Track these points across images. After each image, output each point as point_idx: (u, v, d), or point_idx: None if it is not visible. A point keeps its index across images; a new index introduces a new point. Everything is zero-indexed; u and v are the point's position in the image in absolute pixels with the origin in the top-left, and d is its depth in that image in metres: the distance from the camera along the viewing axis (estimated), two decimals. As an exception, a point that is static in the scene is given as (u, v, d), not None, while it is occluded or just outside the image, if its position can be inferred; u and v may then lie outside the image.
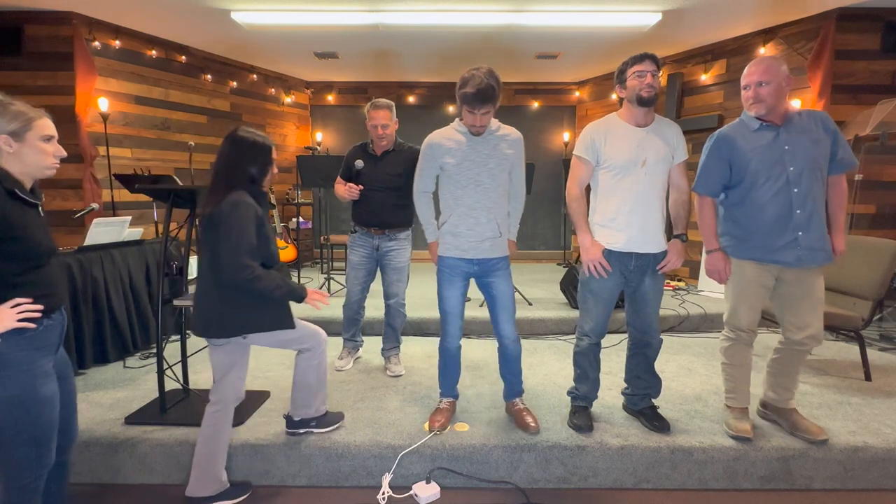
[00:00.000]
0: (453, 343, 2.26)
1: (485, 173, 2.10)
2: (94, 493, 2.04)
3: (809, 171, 1.94)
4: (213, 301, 1.83)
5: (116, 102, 4.48)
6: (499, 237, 2.15)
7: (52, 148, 1.40)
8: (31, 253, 1.32)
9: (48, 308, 1.37)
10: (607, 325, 2.21)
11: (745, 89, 2.02)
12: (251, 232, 1.75)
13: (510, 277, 2.21)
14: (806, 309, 2.04)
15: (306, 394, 2.09)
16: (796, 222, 1.96)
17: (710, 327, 3.86)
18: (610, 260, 2.07)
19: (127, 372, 2.91)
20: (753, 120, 2.02)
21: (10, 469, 1.35)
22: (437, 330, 3.71)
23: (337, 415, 2.24)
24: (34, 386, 1.34)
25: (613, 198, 2.07)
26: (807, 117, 2.00)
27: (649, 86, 1.97)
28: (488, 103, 1.98)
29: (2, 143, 1.30)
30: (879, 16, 3.96)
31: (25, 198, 1.33)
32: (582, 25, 4.36)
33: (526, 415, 2.23)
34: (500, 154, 2.12)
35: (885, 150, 3.87)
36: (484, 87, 1.94)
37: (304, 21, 4.22)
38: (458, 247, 2.14)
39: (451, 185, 2.14)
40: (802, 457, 2.05)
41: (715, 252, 2.13)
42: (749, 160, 1.99)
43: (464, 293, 2.24)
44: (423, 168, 2.22)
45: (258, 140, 1.89)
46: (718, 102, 4.91)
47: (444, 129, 2.17)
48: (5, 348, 1.29)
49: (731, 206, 2.11)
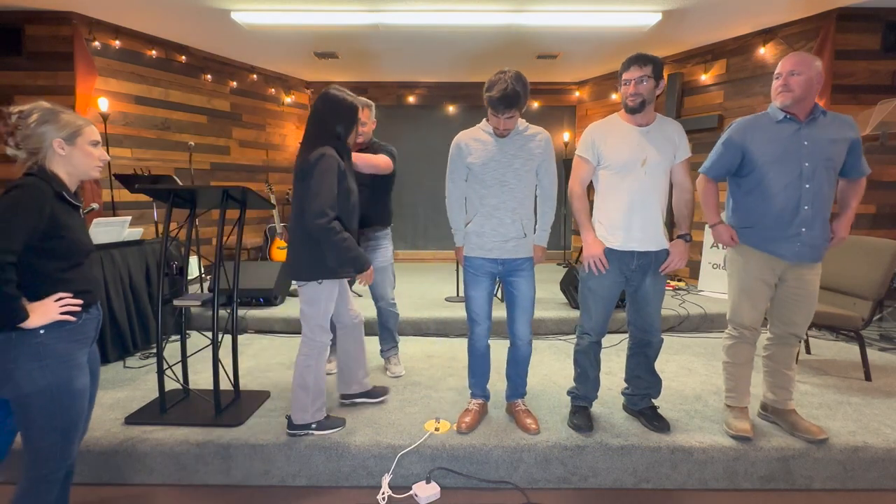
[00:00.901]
0: (481, 343, 2.25)
1: (510, 173, 2.09)
2: (94, 493, 2.04)
3: (824, 169, 1.95)
4: (297, 248, 2.06)
5: (116, 102, 4.48)
6: (523, 238, 2.14)
7: (98, 152, 1.52)
8: (73, 251, 1.43)
9: (87, 303, 1.47)
10: (608, 324, 2.21)
11: (777, 78, 1.99)
12: (332, 183, 1.94)
13: (533, 279, 2.20)
14: (800, 309, 2.09)
15: (304, 396, 2.10)
16: (802, 218, 1.97)
17: (710, 327, 3.86)
18: (610, 258, 2.08)
19: (127, 372, 2.91)
20: (778, 112, 2.02)
21: (35, 457, 1.41)
22: (436, 330, 3.73)
23: (338, 419, 2.23)
24: (70, 377, 1.42)
25: (614, 197, 2.07)
26: (832, 119, 2.00)
27: (633, 94, 1.98)
28: (513, 108, 1.98)
29: (56, 147, 1.42)
30: (879, 16, 3.96)
31: (70, 200, 1.44)
32: (582, 25, 4.36)
33: (526, 416, 2.23)
34: (527, 154, 2.11)
35: (885, 150, 3.87)
36: (509, 92, 1.93)
37: (304, 21, 4.22)
38: (481, 246, 2.14)
39: (476, 184, 2.14)
40: (802, 457, 2.05)
41: (717, 225, 2.15)
42: (766, 149, 2.00)
43: (491, 293, 2.23)
44: (450, 171, 2.21)
45: (347, 99, 2.06)
46: (718, 102, 4.91)
47: (471, 130, 2.18)
48: (48, 339, 1.38)
49: (740, 194, 2.11)
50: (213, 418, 2.25)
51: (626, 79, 2.00)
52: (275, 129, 6.28)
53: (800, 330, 2.13)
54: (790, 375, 2.19)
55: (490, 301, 2.23)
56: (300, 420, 2.12)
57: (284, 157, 6.40)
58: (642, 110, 2.02)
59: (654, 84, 1.99)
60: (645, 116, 2.06)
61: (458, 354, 3.26)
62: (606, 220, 2.10)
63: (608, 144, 2.07)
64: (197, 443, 2.09)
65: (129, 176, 3.78)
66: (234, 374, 2.48)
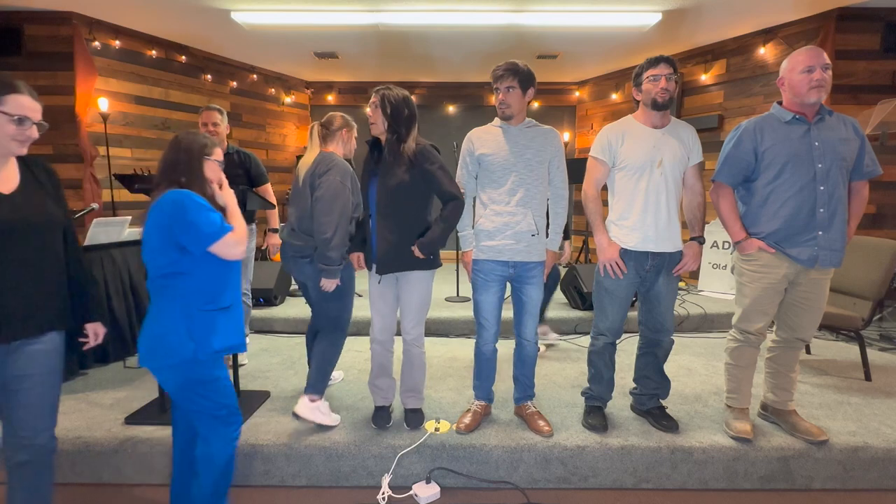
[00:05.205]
0: (488, 347, 2.23)
1: (521, 163, 2.08)
2: (94, 493, 2.04)
3: (837, 169, 1.92)
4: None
5: (116, 102, 4.48)
6: (535, 236, 2.11)
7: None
8: None
9: None
10: (623, 325, 2.20)
11: (809, 71, 1.89)
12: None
13: (542, 284, 2.19)
14: (808, 314, 2.06)
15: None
16: (818, 220, 1.93)
17: (711, 327, 3.86)
18: (626, 259, 2.08)
19: (127, 372, 2.91)
20: (785, 112, 1.99)
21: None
22: (436, 330, 3.72)
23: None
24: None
25: (630, 198, 2.07)
26: (836, 118, 1.99)
27: (663, 90, 1.98)
28: (510, 75, 2.02)
29: None
30: (879, 16, 3.96)
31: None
32: (582, 25, 4.36)
33: (539, 418, 2.22)
34: (538, 146, 2.10)
35: (885, 150, 3.86)
36: (511, 62, 2.03)
37: (304, 21, 4.22)
38: (492, 248, 2.11)
39: (486, 179, 2.13)
40: (802, 457, 2.05)
41: (745, 241, 2.06)
42: (777, 152, 1.95)
43: (501, 298, 2.18)
44: (461, 164, 2.19)
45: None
46: (718, 102, 4.91)
47: (483, 126, 2.19)
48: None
49: (752, 199, 2.06)
50: (213, 418, 2.24)
51: (656, 74, 1.99)
52: (275, 129, 6.28)
53: (807, 335, 2.10)
54: (793, 377, 2.18)
55: (500, 306, 2.20)
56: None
57: (284, 157, 6.40)
58: (669, 107, 2.03)
59: (675, 84, 2.01)
60: (663, 118, 2.07)
61: (458, 354, 3.26)
62: (622, 222, 2.09)
63: (625, 145, 2.07)
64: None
65: (129, 176, 3.75)
66: (234, 374, 2.47)
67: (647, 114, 2.08)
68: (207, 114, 2.88)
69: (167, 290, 1.53)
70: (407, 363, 2.23)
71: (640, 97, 2.08)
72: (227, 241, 1.51)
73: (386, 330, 2.18)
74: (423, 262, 2.08)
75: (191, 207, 1.47)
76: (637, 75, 2.07)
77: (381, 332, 2.18)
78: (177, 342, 1.50)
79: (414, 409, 2.26)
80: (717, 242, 4.67)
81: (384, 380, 2.24)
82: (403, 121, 2.03)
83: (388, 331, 2.19)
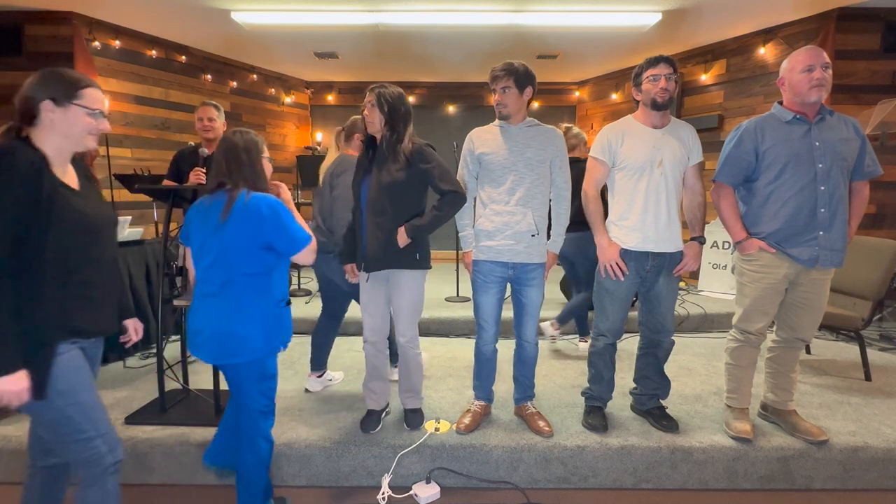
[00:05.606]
0: (488, 347, 2.23)
1: (521, 163, 2.07)
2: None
3: (838, 169, 1.91)
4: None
5: (116, 102, 4.48)
6: (536, 236, 2.09)
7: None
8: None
9: None
10: (624, 325, 2.20)
11: (809, 70, 1.89)
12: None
13: (543, 286, 2.18)
14: (809, 315, 2.06)
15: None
16: (819, 220, 1.93)
17: (711, 327, 3.86)
18: (626, 259, 2.07)
19: (127, 372, 2.91)
20: (785, 112, 1.99)
21: None
22: (436, 330, 3.72)
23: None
24: None
25: (630, 198, 2.06)
26: (837, 118, 1.98)
27: (663, 90, 1.98)
28: (505, 76, 2.03)
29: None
30: (879, 16, 3.96)
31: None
32: (582, 25, 4.36)
33: (539, 419, 2.22)
34: (539, 144, 2.10)
35: (885, 150, 3.86)
36: (504, 63, 2.05)
37: (304, 21, 4.22)
38: (491, 248, 2.10)
39: (486, 178, 2.12)
40: (802, 457, 2.05)
41: (746, 241, 2.06)
42: (778, 152, 1.95)
43: (501, 299, 2.18)
44: (462, 164, 2.20)
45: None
46: (718, 102, 4.91)
47: (484, 126, 2.20)
48: None
49: (753, 199, 2.06)
50: (213, 418, 2.25)
51: (655, 74, 1.99)
52: (275, 129, 6.28)
53: (807, 335, 2.11)
54: (793, 378, 2.18)
55: (500, 307, 2.20)
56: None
57: (284, 156, 6.39)
58: (669, 107, 2.03)
59: (674, 84, 2.01)
60: (663, 118, 2.07)
61: (458, 354, 3.26)
62: (622, 222, 2.09)
63: (625, 146, 2.06)
64: (197, 443, 2.09)
65: (129, 176, 3.77)
66: (234, 374, 2.47)
67: (646, 114, 2.08)
68: (203, 109, 2.87)
69: (251, 288, 1.59)
70: (403, 365, 2.23)
71: (639, 97, 2.08)
72: (311, 248, 1.63)
73: (377, 331, 2.18)
74: (411, 261, 2.05)
75: (284, 214, 1.57)
76: (637, 75, 2.07)
77: (372, 333, 2.18)
78: (254, 338, 1.58)
79: (413, 409, 2.26)
80: (717, 242, 4.67)
81: (377, 383, 2.23)
82: (400, 118, 2.03)
83: (379, 332, 2.18)
